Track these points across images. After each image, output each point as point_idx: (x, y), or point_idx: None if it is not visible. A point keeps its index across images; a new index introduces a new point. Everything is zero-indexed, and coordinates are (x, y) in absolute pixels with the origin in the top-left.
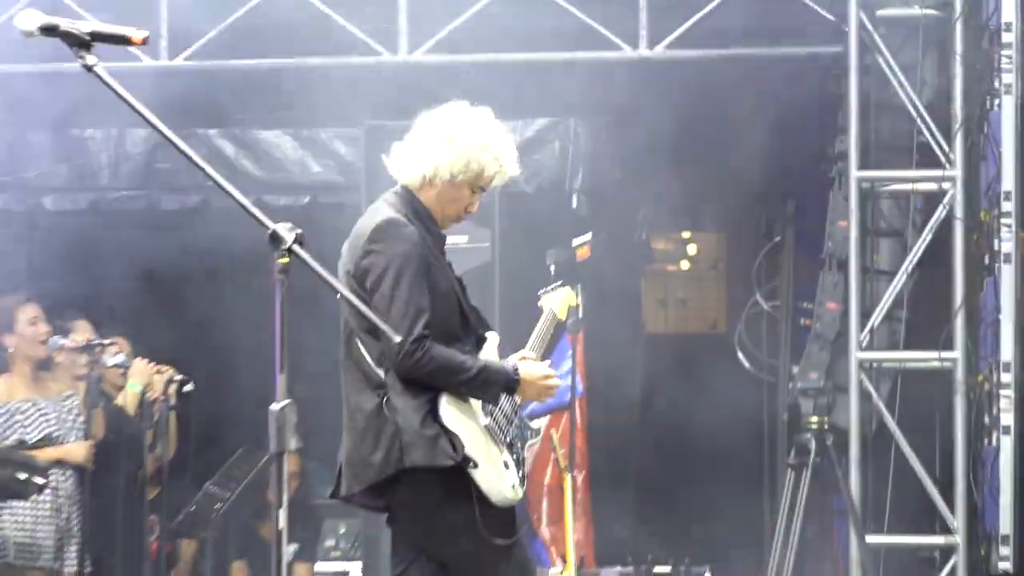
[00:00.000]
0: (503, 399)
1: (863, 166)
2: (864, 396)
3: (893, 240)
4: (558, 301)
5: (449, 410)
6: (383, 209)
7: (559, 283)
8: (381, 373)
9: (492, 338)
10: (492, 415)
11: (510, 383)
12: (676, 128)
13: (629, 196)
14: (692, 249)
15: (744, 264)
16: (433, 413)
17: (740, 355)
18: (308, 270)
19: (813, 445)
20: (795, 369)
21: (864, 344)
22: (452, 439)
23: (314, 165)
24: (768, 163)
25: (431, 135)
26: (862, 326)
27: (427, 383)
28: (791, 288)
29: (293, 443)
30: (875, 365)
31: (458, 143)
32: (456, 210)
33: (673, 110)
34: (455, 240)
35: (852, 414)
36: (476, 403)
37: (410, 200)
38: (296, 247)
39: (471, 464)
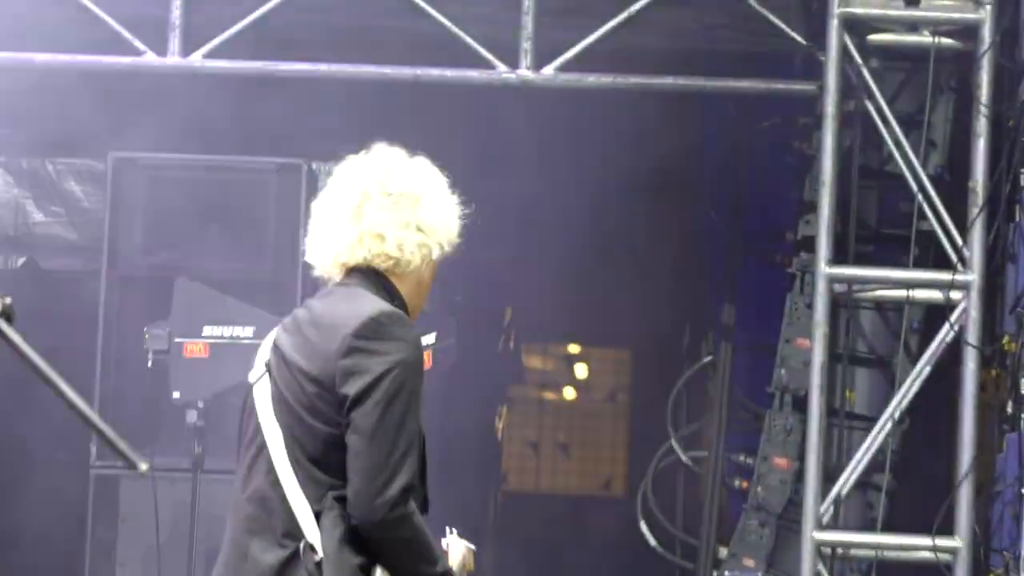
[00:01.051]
0: None
1: (838, 260)
2: None
3: (875, 372)
4: (466, 556)
5: None
6: (367, 297)
7: (454, 530)
8: (306, 518)
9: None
10: None
11: None
12: (566, 186)
13: (492, 286)
14: (581, 370)
15: (656, 396)
16: None
17: (644, 528)
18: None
19: None
20: (723, 552)
21: (825, 521)
22: None
23: (35, 211)
24: (698, 248)
25: (411, 197)
26: (823, 495)
27: (387, 549)
28: (723, 433)
29: None
30: (840, 552)
31: (443, 207)
32: (423, 300)
33: (563, 160)
34: (227, 332)
35: None
36: None
37: (389, 290)
38: (3, 323)
39: None
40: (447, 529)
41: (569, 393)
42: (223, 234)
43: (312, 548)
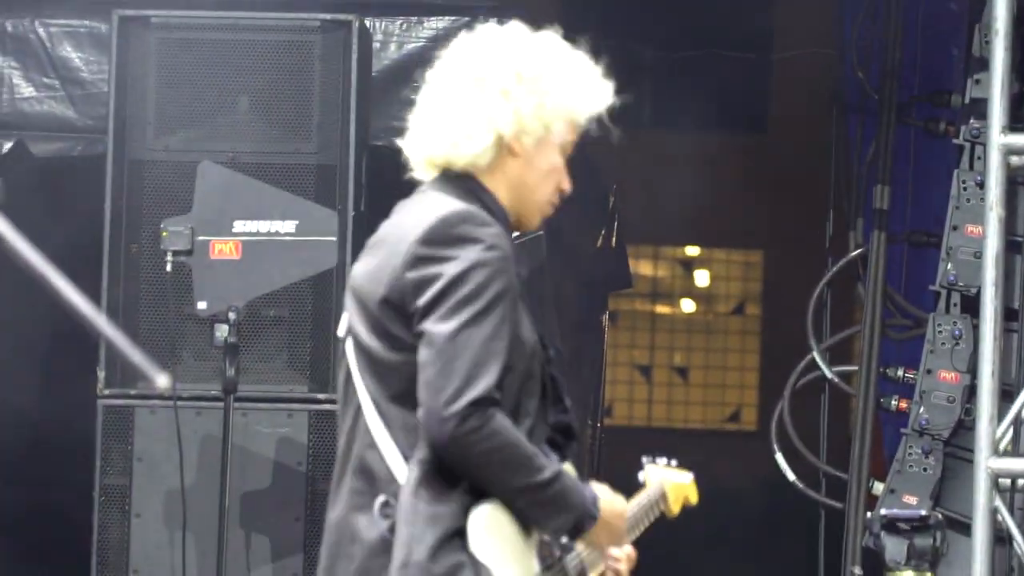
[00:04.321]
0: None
1: (1016, 127)
2: (1001, 540)
3: None
4: (674, 487)
5: (486, 533)
6: (440, 199)
7: (674, 461)
8: (403, 475)
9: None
10: (554, 562)
11: (586, 515)
12: (677, 45)
13: (591, 167)
14: (702, 278)
15: (794, 306)
16: (458, 534)
17: (780, 460)
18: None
19: None
20: (877, 487)
21: (1004, 447)
22: None
23: (24, 85)
24: (842, 119)
25: (489, 78)
26: (1001, 415)
27: (472, 471)
28: (877, 344)
29: None
30: (1022, 484)
31: (535, 78)
32: (551, 188)
33: (671, 16)
34: (264, 227)
35: (976, 570)
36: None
37: (476, 191)
38: None
39: None
40: (644, 459)
41: (687, 305)
42: (256, 108)
43: (389, 504)
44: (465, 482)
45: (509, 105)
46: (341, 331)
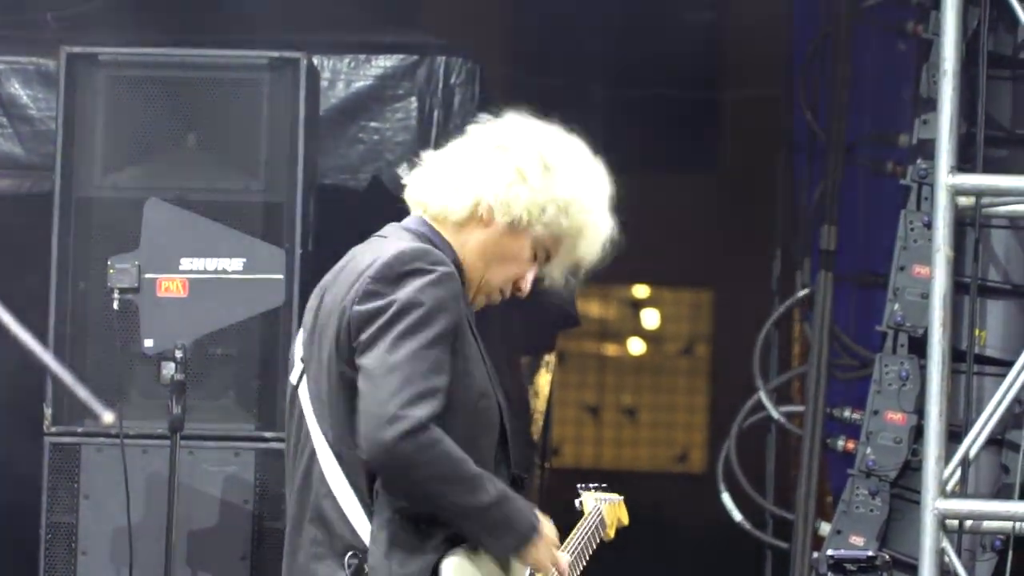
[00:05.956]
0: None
1: (963, 168)
2: None
3: (1010, 305)
4: (608, 510)
5: None
6: (394, 242)
7: (604, 485)
8: (363, 523)
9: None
10: None
11: (528, 534)
12: (626, 82)
13: None
14: (651, 318)
15: (744, 346)
16: None
17: (727, 500)
18: None
19: None
20: (823, 527)
21: (950, 488)
22: None
23: None
24: (789, 159)
25: (513, 150)
26: (948, 456)
27: (415, 498)
28: (824, 384)
29: None
30: (969, 525)
31: (555, 178)
32: (503, 276)
33: (621, 52)
34: (211, 264)
35: None
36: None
37: (434, 239)
38: None
39: None
40: (579, 487)
41: (636, 346)
42: (203, 145)
43: (357, 557)
44: (434, 537)
45: (513, 183)
46: (294, 377)
